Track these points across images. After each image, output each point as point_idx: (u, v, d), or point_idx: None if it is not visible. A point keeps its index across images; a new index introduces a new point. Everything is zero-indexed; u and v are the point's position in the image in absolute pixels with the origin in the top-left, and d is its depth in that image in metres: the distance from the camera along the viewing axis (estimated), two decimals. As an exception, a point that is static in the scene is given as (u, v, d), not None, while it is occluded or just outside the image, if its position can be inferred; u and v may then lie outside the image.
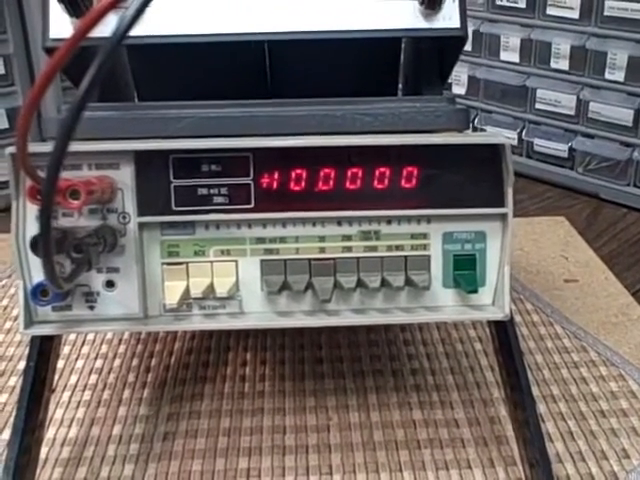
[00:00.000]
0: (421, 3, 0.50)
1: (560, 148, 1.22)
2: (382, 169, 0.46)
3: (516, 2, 1.21)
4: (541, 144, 1.24)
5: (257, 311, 0.47)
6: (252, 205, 0.45)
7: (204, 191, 0.45)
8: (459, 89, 1.32)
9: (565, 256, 0.94)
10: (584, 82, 1.17)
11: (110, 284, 0.46)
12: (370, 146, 0.45)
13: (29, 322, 0.46)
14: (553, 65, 1.20)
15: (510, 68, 1.25)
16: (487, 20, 1.26)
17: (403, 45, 0.59)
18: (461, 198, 0.47)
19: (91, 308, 0.46)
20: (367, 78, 0.59)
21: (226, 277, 0.46)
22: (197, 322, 0.47)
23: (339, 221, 0.46)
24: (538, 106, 1.23)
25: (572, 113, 1.19)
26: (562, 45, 1.17)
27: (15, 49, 1.12)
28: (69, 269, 0.41)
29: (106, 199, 0.44)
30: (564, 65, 1.18)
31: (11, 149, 0.42)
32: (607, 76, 1.14)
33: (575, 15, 1.15)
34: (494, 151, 0.46)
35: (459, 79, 1.32)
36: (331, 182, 0.45)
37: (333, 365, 0.70)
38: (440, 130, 0.49)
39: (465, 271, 0.47)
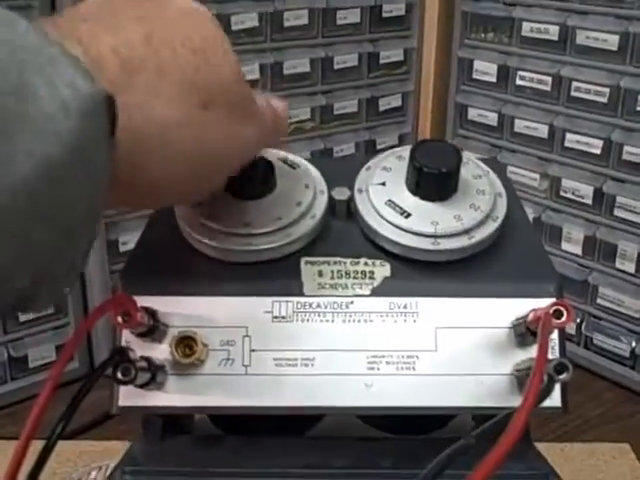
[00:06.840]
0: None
1: (622, 347, 1.19)
2: None
3: (582, 197, 1.19)
4: (601, 339, 1.21)
5: None
6: None
7: None
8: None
9: (635, 508, 0.91)
10: (651, 288, 1.14)
11: None
12: None
13: None
14: (618, 265, 1.17)
15: (572, 259, 1.22)
16: (549, 208, 1.23)
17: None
18: None
19: None
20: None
21: None
22: None
23: None
24: (600, 302, 1.20)
25: (637, 316, 1.16)
26: (629, 249, 1.15)
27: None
28: None
29: None
30: (630, 268, 1.15)
31: None
32: (676, 286, 1.11)
33: (643, 221, 1.12)
34: None
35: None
36: None
37: None
38: None
39: None
